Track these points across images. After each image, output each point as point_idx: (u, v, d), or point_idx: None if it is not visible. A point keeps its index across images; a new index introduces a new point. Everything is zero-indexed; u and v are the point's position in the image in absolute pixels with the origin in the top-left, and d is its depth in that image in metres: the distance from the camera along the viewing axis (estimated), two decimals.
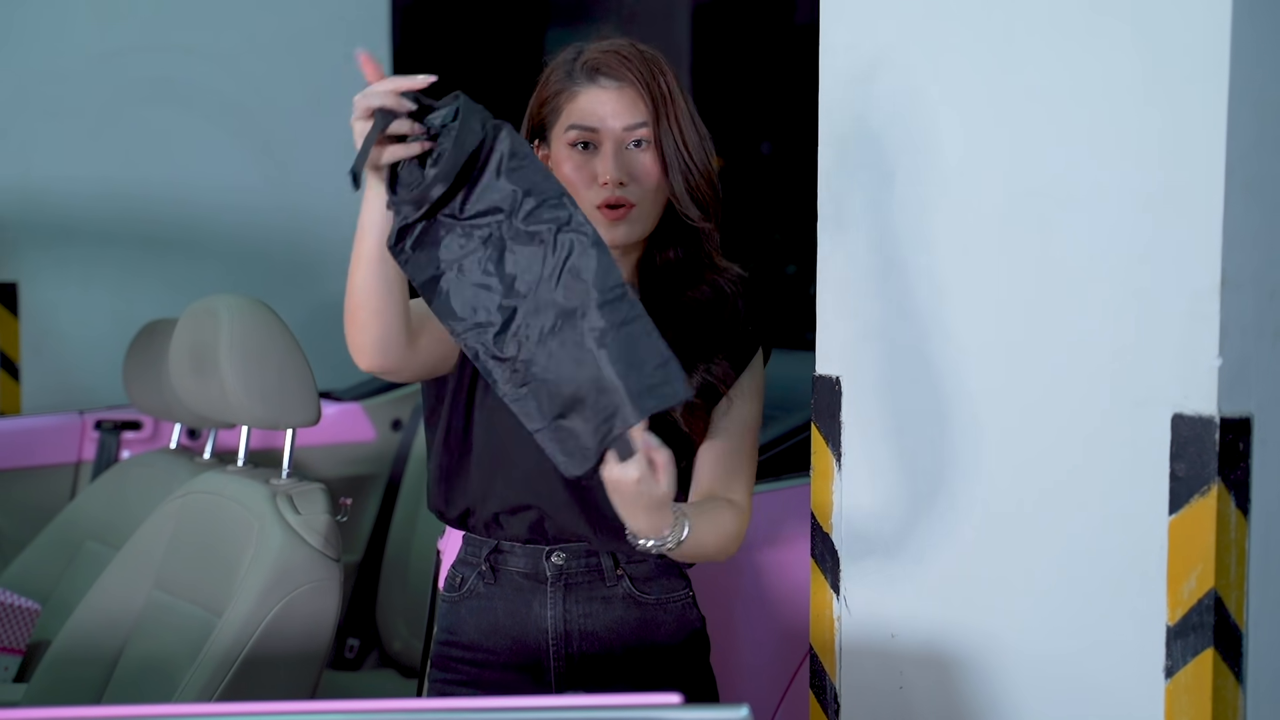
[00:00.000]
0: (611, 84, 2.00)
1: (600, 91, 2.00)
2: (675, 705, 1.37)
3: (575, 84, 2.01)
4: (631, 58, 2.01)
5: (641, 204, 1.99)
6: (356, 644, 3.82)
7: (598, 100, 1.99)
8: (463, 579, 2.08)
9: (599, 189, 1.98)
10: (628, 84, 1.99)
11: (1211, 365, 1.74)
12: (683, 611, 2.08)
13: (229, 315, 2.56)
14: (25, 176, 4.26)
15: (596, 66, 2.01)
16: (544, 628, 2.03)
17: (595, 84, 2.00)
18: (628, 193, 1.98)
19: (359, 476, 3.85)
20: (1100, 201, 1.85)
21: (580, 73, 2.01)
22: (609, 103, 1.99)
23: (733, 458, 2.03)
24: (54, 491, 3.63)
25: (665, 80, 2.01)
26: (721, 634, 2.16)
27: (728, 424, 2.03)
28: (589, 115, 1.99)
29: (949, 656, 2.05)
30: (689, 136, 2.01)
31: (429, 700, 1.50)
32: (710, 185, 2.03)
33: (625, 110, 1.99)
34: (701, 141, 2.02)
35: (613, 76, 2.00)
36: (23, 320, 4.26)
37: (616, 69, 2.00)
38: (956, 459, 2.03)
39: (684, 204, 2.00)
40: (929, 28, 2.02)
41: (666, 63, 2.05)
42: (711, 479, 2.02)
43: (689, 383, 1.74)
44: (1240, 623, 1.76)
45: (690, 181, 2.00)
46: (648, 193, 2.00)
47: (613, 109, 1.99)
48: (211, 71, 4.55)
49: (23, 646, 2.93)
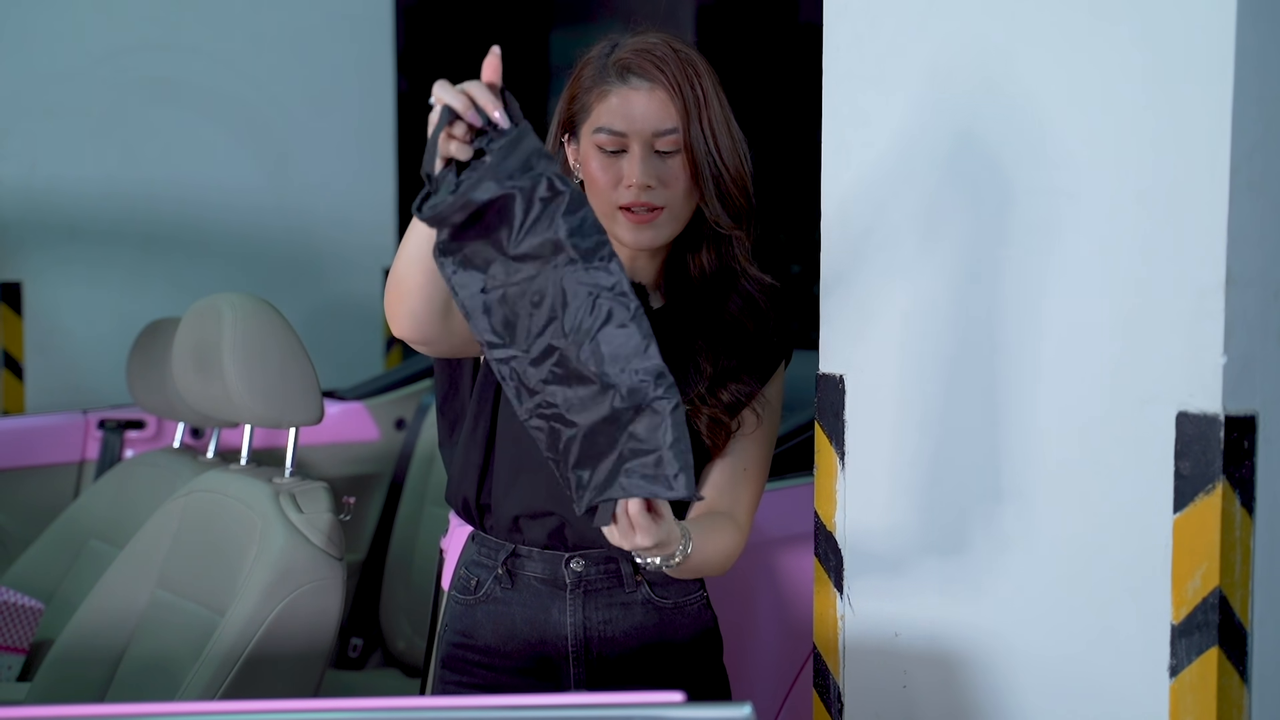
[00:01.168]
0: (643, 85, 1.94)
1: (631, 92, 1.94)
2: (679, 703, 1.36)
3: (606, 83, 1.96)
4: (665, 58, 1.95)
5: (670, 208, 1.95)
6: (360, 643, 3.82)
7: (628, 101, 1.94)
8: (478, 581, 2.06)
9: (624, 190, 1.94)
10: (659, 86, 1.94)
11: (1216, 363, 1.74)
12: (699, 613, 2.07)
13: (232, 314, 2.56)
14: (29, 176, 4.27)
15: (628, 66, 1.95)
16: (563, 634, 2.02)
17: (626, 84, 1.95)
18: (654, 196, 1.94)
19: (362, 476, 3.85)
20: (1104, 199, 1.84)
21: (612, 71, 1.96)
22: (639, 105, 1.94)
23: (741, 476, 2.02)
24: (57, 490, 3.63)
25: (700, 83, 1.95)
26: (726, 633, 2.16)
27: (744, 440, 2.02)
28: (618, 118, 1.94)
29: (953, 655, 2.05)
30: (721, 141, 1.95)
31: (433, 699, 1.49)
32: (743, 191, 1.98)
33: (656, 113, 1.94)
34: (735, 145, 1.97)
35: (644, 77, 1.94)
36: (27, 319, 4.26)
37: (648, 69, 1.94)
38: (960, 458, 2.03)
39: (714, 210, 1.96)
40: (933, 25, 2.02)
41: (703, 62, 1.99)
42: (717, 494, 2.00)
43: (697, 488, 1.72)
44: (1245, 621, 1.76)
45: (722, 187, 1.96)
46: (676, 197, 1.95)
47: (643, 111, 1.94)
48: (216, 71, 4.56)
49: (26, 645, 2.93)
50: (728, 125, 1.97)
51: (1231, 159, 1.71)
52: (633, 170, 1.93)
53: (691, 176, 1.95)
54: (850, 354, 2.14)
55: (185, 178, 4.50)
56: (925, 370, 2.06)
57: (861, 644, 2.15)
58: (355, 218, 4.88)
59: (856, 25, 2.11)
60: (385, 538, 3.85)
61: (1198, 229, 1.74)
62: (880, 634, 2.13)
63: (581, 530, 1.99)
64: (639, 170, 1.93)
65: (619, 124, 1.94)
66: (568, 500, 1.96)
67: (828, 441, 2.18)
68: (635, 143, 1.94)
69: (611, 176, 1.94)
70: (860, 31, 2.10)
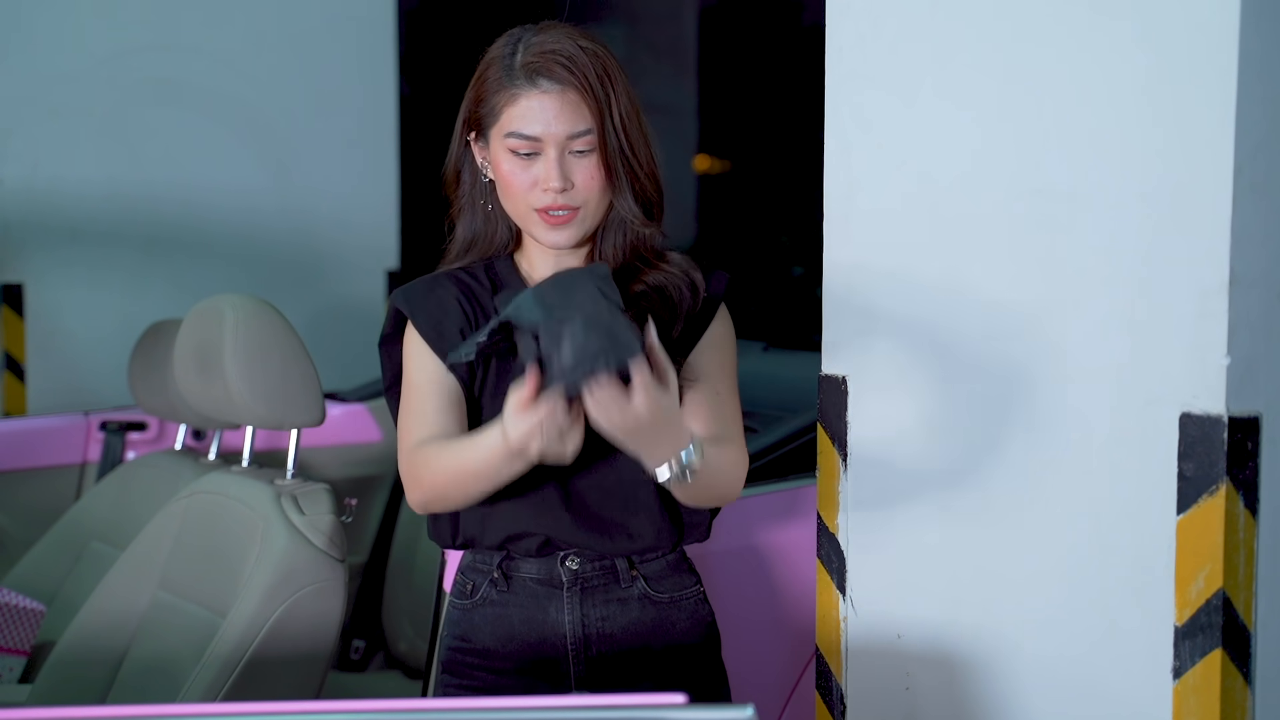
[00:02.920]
0: (553, 87, 1.90)
1: (542, 95, 1.90)
2: (681, 705, 1.36)
3: (515, 86, 1.91)
4: (574, 57, 1.91)
5: (585, 208, 1.94)
6: (362, 645, 3.82)
7: (539, 105, 1.90)
8: (474, 586, 2.06)
9: (540, 194, 1.92)
10: (570, 87, 1.90)
11: (1220, 364, 1.73)
12: (695, 608, 2.06)
13: (234, 315, 2.56)
14: (31, 177, 4.27)
15: (536, 69, 1.91)
16: (562, 633, 2.01)
17: (536, 87, 1.90)
18: (570, 198, 1.92)
19: (364, 477, 3.84)
20: (1108, 201, 1.84)
21: (520, 74, 1.91)
22: (550, 108, 1.90)
23: (714, 400, 1.98)
24: (59, 492, 3.63)
25: (609, 81, 1.93)
26: (728, 635, 2.16)
27: (700, 373, 1.99)
28: (530, 122, 1.91)
29: (956, 657, 2.04)
30: (634, 136, 1.94)
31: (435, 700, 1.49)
32: (655, 186, 1.98)
33: (568, 116, 1.91)
34: (646, 139, 1.96)
35: (554, 79, 1.90)
36: (29, 321, 4.26)
37: (557, 72, 1.90)
38: (963, 459, 2.02)
39: (627, 208, 1.96)
40: (935, 26, 2.02)
41: (609, 55, 1.96)
42: (700, 422, 1.96)
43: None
44: (1249, 623, 1.76)
45: (635, 183, 1.95)
46: (591, 197, 1.94)
47: (555, 114, 1.90)
48: (218, 72, 4.56)
49: (28, 647, 2.93)
50: (638, 118, 1.96)
51: (1235, 160, 1.71)
52: (549, 174, 1.91)
53: (606, 176, 1.94)
54: (853, 355, 2.14)
55: (187, 179, 4.50)
56: (928, 372, 2.05)
57: (864, 646, 2.15)
58: (357, 219, 4.88)
59: (859, 25, 2.10)
60: (387, 540, 3.84)
61: (1201, 230, 1.74)
62: (883, 636, 2.13)
63: (567, 539, 1.98)
64: (555, 174, 1.91)
65: (532, 128, 1.91)
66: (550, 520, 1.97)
67: (830, 443, 2.18)
68: (550, 146, 1.91)
69: (526, 180, 1.93)
70: (863, 31, 2.10)
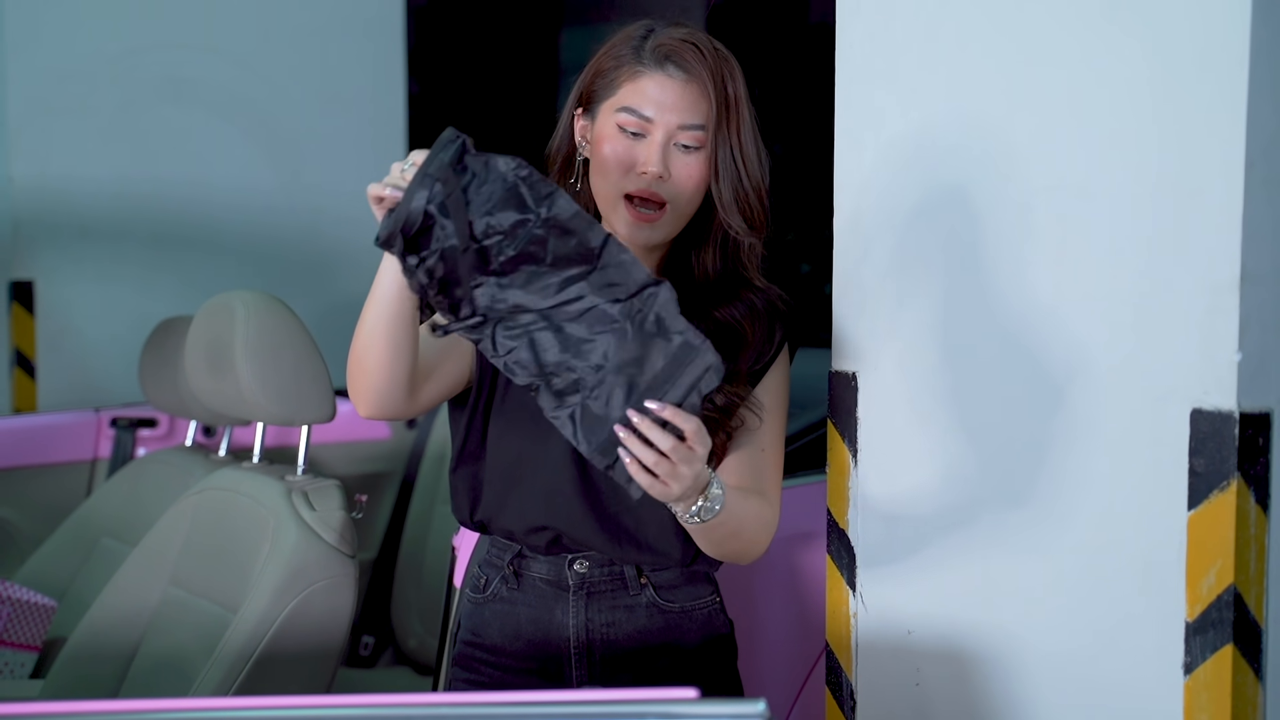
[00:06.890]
0: (679, 75, 1.89)
1: (666, 79, 1.89)
2: (692, 700, 1.36)
3: (641, 64, 1.90)
4: (707, 53, 1.91)
5: (674, 205, 1.91)
6: (371, 641, 3.82)
7: (662, 88, 1.89)
8: (487, 581, 2.06)
9: (636, 176, 1.89)
10: (696, 79, 1.89)
11: (1231, 360, 1.73)
12: (709, 619, 2.03)
13: (245, 312, 2.56)
14: (42, 175, 4.27)
15: (668, 53, 1.90)
16: (565, 635, 2.01)
17: (663, 70, 1.89)
18: (663, 189, 1.89)
19: (374, 474, 3.85)
20: (1118, 196, 1.84)
21: (649, 54, 1.90)
22: (672, 93, 1.89)
23: (759, 456, 1.97)
24: (70, 489, 3.64)
25: (734, 86, 1.91)
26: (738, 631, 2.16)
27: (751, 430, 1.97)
28: (648, 101, 1.89)
29: (966, 653, 2.04)
30: (747, 149, 1.91)
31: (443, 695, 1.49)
32: (760, 202, 1.94)
33: (687, 106, 1.89)
34: (759, 155, 1.93)
35: (683, 67, 1.89)
36: (39, 318, 4.27)
37: (689, 61, 1.89)
38: (974, 455, 2.02)
39: (728, 212, 1.91)
40: (947, 22, 2.01)
41: (738, 68, 1.95)
42: (739, 479, 1.94)
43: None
44: (1260, 619, 1.76)
45: (740, 193, 1.91)
46: (683, 195, 1.91)
47: (674, 101, 1.89)
48: (227, 70, 4.56)
49: (39, 643, 2.94)
50: (754, 133, 1.93)
51: (1246, 155, 1.71)
52: (650, 157, 1.89)
53: (708, 178, 1.91)
54: (863, 351, 2.14)
55: (197, 176, 4.50)
56: (938, 367, 2.05)
57: (874, 641, 2.15)
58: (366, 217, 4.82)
59: (869, 23, 2.10)
60: (397, 536, 3.85)
61: (1212, 225, 1.74)
62: (893, 631, 2.13)
63: (579, 537, 1.97)
64: (656, 158, 1.88)
65: (647, 108, 1.89)
66: (564, 512, 1.96)
67: (840, 439, 2.18)
68: (658, 130, 1.89)
69: (625, 161, 1.90)
70: (873, 29, 2.10)
